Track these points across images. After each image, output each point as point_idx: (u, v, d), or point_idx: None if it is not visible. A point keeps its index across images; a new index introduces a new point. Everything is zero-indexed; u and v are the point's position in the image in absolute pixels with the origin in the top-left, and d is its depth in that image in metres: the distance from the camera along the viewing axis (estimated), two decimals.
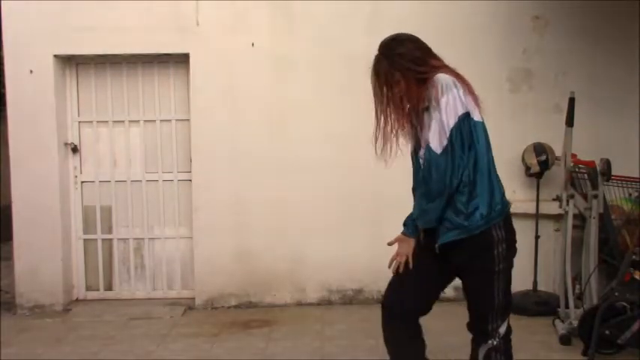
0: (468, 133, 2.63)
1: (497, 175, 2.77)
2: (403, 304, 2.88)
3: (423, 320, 2.96)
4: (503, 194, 2.76)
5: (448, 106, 2.60)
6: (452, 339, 3.78)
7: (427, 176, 2.68)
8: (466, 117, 2.62)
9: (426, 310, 2.94)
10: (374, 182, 5.27)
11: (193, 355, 4.46)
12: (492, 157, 2.75)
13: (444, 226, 2.72)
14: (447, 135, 2.60)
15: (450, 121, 2.59)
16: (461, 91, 2.63)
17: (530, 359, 4.10)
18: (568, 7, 5.31)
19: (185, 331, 4.94)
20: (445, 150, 2.60)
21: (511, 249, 2.76)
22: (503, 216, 2.72)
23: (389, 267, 2.95)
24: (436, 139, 2.62)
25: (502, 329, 2.77)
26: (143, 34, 5.40)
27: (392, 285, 2.97)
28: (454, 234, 2.70)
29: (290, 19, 5.42)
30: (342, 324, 5.00)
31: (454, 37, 5.19)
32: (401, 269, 2.91)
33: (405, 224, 2.94)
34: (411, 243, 2.91)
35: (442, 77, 2.65)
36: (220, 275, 5.49)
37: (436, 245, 2.75)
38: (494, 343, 2.75)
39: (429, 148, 2.64)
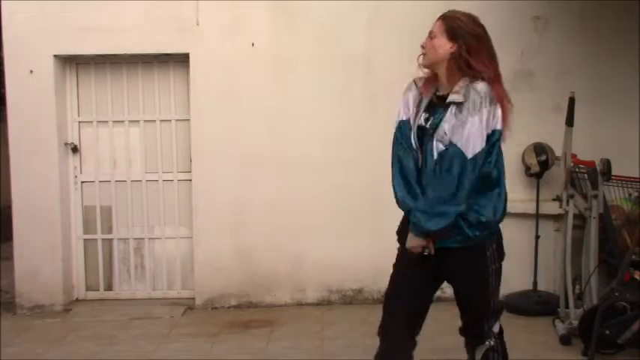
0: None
1: (503, 188, 2.75)
2: (402, 312, 2.82)
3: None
4: (504, 204, 2.74)
5: (490, 118, 2.59)
6: (445, 340, 3.77)
7: (444, 174, 2.57)
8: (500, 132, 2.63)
9: (421, 316, 2.87)
10: (374, 182, 5.26)
11: (193, 355, 4.46)
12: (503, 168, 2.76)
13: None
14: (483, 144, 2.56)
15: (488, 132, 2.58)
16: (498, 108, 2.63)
17: (530, 359, 4.10)
18: (568, 7, 5.30)
19: (185, 331, 4.94)
20: (475, 158, 2.54)
21: (501, 248, 2.77)
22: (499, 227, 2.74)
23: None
24: (470, 144, 2.55)
25: (496, 328, 2.79)
26: (143, 34, 5.40)
27: (388, 294, 2.89)
28: (456, 240, 2.65)
29: (290, 19, 5.42)
30: (342, 324, 5.00)
31: None
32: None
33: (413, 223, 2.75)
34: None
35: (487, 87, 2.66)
36: (220, 275, 5.49)
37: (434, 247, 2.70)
38: (492, 343, 2.75)
39: (454, 148, 2.56)
